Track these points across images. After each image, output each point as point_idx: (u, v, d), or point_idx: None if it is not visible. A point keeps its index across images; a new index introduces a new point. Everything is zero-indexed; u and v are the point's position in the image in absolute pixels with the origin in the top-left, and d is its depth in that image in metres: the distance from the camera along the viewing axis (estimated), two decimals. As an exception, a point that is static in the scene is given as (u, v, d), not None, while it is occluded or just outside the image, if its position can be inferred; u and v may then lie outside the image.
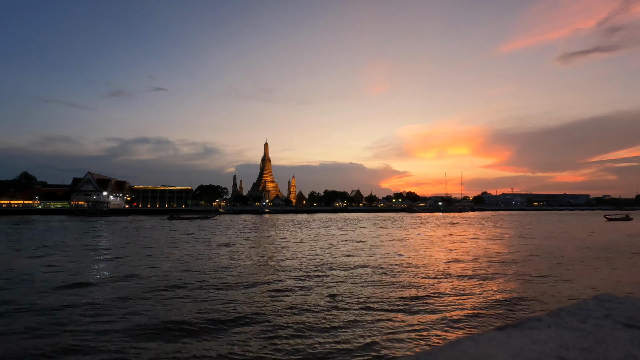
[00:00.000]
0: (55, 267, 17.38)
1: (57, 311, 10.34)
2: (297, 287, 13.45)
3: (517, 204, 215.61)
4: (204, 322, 9.39)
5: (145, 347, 7.83)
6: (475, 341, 0.75)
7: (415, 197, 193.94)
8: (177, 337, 8.43)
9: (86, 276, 15.27)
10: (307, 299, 11.88)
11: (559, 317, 0.90)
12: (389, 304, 11.35)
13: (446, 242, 30.06)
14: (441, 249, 25.39)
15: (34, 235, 34.82)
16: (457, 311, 10.55)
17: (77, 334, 8.59)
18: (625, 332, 0.79)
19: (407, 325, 9.35)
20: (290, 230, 44.46)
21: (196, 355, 7.45)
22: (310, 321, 9.68)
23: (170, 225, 55.03)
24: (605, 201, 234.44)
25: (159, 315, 9.96)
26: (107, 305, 10.97)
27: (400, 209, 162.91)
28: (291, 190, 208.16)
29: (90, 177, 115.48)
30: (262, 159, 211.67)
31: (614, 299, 1.01)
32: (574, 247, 25.72)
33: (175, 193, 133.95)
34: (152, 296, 11.98)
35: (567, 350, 0.71)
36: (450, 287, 13.58)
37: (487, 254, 22.08)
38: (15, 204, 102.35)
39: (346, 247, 26.13)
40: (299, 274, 15.98)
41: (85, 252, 23.44)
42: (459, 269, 17.14)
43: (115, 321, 9.45)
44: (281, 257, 21.22)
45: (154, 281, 14.20)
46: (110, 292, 12.56)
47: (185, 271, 16.29)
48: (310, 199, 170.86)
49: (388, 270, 16.65)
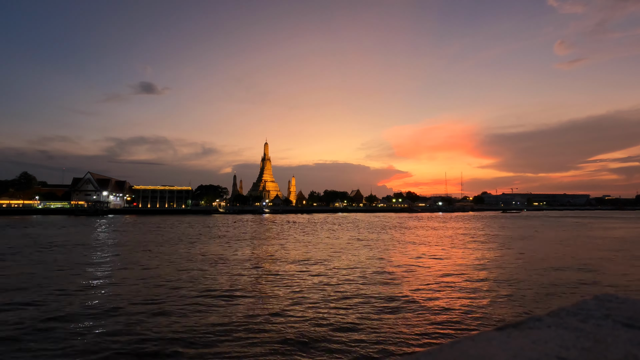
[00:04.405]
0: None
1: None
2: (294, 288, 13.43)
3: (517, 204, 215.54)
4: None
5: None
6: (475, 341, 0.75)
7: (415, 197, 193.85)
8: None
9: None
10: (306, 299, 11.88)
11: (559, 317, 0.90)
12: (388, 305, 11.35)
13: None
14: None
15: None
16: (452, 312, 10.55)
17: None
18: (625, 332, 0.79)
19: (407, 325, 9.35)
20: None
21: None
22: (310, 322, 9.68)
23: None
24: (605, 201, 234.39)
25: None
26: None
27: (400, 209, 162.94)
28: (291, 190, 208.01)
29: (90, 177, 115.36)
30: (262, 158, 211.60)
31: (614, 299, 1.01)
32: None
33: (175, 193, 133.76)
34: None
35: (567, 350, 0.71)
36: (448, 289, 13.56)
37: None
38: (15, 204, 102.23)
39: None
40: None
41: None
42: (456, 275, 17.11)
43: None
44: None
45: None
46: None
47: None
48: (310, 198, 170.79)
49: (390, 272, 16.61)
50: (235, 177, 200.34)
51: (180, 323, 9.50)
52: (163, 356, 7.62)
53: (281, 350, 7.84)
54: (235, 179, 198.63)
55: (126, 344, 8.19)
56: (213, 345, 8.14)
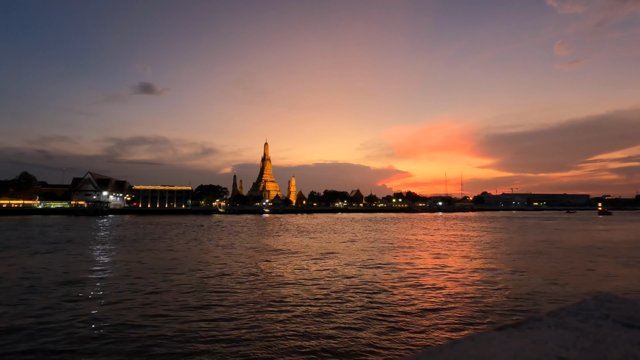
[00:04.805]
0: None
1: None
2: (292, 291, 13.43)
3: (517, 204, 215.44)
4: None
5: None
6: (475, 341, 0.75)
7: (415, 197, 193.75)
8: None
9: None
10: (305, 300, 11.88)
11: (559, 317, 0.90)
12: (388, 305, 11.35)
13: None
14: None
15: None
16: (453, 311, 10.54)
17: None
18: (625, 332, 0.79)
19: (407, 325, 9.35)
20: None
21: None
22: (310, 322, 9.68)
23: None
24: (605, 201, 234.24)
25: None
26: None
27: (400, 209, 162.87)
28: (291, 190, 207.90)
29: (90, 177, 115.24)
30: (262, 158, 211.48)
31: (614, 299, 1.01)
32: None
33: (175, 193, 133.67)
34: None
35: (567, 350, 0.71)
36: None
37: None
38: (15, 204, 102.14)
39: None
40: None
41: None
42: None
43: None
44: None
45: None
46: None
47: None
48: (310, 198, 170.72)
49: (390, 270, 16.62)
50: (235, 177, 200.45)
51: (171, 327, 9.51)
52: (163, 356, 7.63)
53: (281, 350, 7.84)
54: (235, 179, 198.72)
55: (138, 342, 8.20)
56: (212, 343, 8.15)
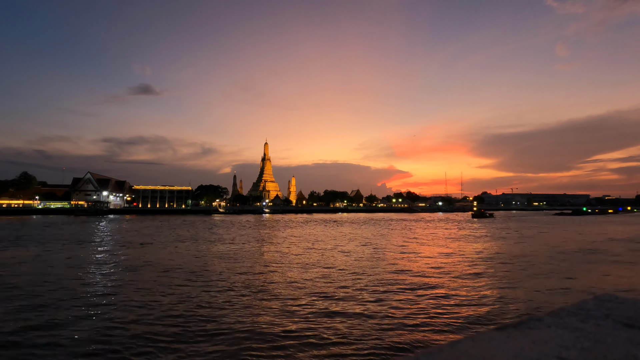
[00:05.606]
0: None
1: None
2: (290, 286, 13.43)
3: (517, 204, 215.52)
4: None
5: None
6: (475, 341, 0.75)
7: (415, 197, 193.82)
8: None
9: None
10: (303, 302, 11.88)
11: (559, 317, 0.90)
12: (388, 304, 11.35)
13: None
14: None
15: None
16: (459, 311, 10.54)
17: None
18: (625, 332, 0.79)
19: (407, 325, 9.35)
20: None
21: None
22: (309, 323, 9.69)
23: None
24: (605, 201, 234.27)
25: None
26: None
27: (400, 209, 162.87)
28: (291, 190, 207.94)
29: (90, 177, 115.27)
30: (262, 158, 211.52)
31: (614, 299, 1.01)
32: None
33: (175, 193, 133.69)
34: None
35: (567, 350, 0.71)
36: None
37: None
38: (15, 204, 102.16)
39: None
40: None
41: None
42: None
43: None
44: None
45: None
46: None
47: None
48: (310, 199, 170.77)
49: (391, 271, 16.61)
50: (235, 177, 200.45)
51: (172, 326, 9.52)
52: (163, 355, 7.63)
53: (281, 350, 7.84)
54: (235, 179, 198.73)
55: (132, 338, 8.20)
56: (211, 342, 8.15)
